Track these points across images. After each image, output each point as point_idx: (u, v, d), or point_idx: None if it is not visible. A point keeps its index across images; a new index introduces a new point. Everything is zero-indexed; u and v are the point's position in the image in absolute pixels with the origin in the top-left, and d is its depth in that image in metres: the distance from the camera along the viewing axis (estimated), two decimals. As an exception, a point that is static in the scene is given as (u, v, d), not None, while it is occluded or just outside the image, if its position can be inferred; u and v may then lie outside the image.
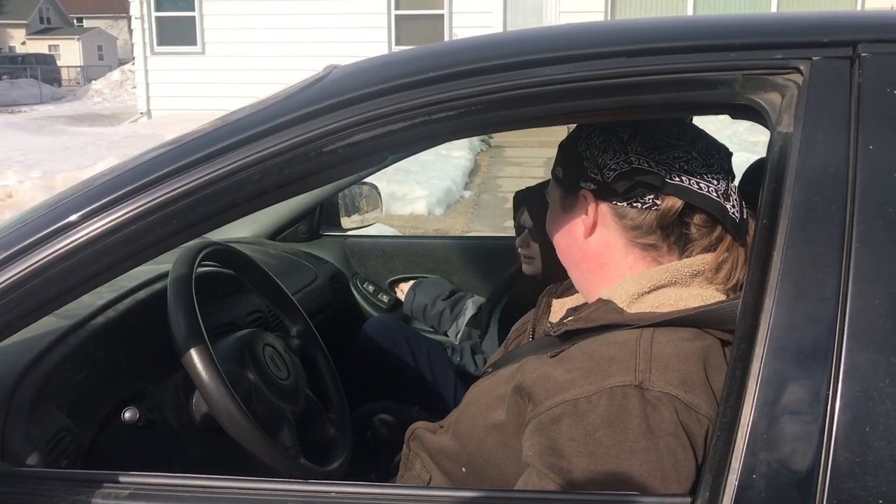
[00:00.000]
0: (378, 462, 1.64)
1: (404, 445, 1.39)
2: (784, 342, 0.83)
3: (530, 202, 1.85)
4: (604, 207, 1.10)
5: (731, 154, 1.14)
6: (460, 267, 2.51)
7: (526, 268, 1.90)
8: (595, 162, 1.10)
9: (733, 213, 1.07)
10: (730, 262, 1.08)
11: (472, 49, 1.01)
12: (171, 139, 1.04)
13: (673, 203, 1.06)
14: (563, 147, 1.17)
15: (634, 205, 1.07)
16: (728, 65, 0.92)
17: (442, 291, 2.34)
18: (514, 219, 1.94)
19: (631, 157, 1.07)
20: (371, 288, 2.55)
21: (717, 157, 1.10)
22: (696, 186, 1.06)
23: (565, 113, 0.95)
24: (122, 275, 0.99)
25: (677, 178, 1.06)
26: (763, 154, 1.26)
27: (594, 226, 1.12)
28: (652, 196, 1.06)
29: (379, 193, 2.71)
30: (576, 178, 1.12)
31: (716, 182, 1.07)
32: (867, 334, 0.82)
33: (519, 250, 1.91)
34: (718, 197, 1.06)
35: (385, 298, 2.53)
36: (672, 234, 1.09)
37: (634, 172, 1.06)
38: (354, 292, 2.55)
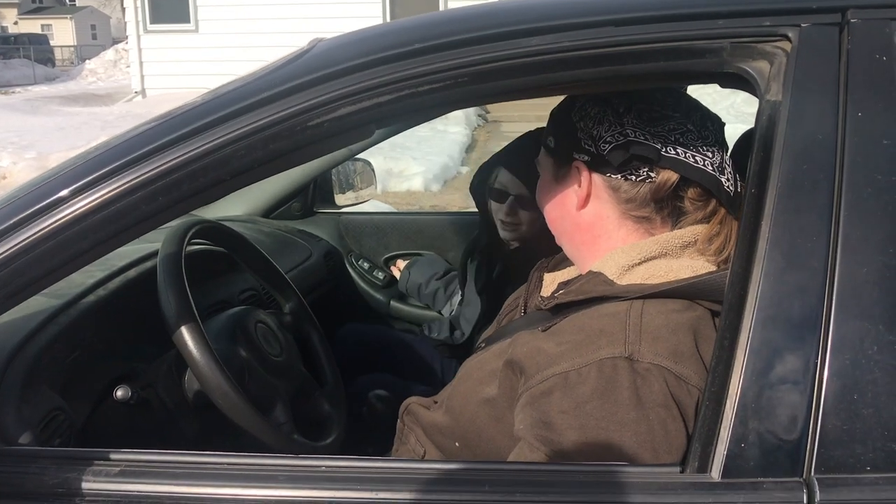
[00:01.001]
0: (374, 438, 1.64)
1: (399, 420, 1.39)
2: (772, 312, 0.83)
3: (517, 168, 1.76)
4: (597, 179, 1.09)
5: (724, 124, 1.13)
6: (456, 244, 2.50)
7: (506, 234, 1.85)
8: (589, 133, 1.08)
9: (728, 187, 1.06)
10: (723, 235, 1.07)
11: (457, 20, 0.99)
12: (156, 115, 1.03)
13: (668, 176, 1.05)
14: (556, 116, 1.16)
15: (629, 177, 1.06)
16: (716, 33, 0.91)
17: (437, 270, 2.33)
18: (488, 182, 1.86)
19: (626, 130, 1.06)
20: (366, 265, 2.55)
21: (711, 129, 1.08)
22: (691, 160, 1.05)
23: (552, 84, 0.94)
24: (111, 253, 0.98)
25: (672, 151, 1.05)
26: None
27: (587, 198, 1.11)
28: (646, 169, 1.05)
29: (373, 170, 2.70)
30: (569, 149, 1.11)
31: (711, 155, 1.06)
32: (855, 303, 0.82)
33: (501, 217, 1.83)
34: (714, 170, 1.05)
35: (380, 275, 2.53)
36: (666, 207, 1.08)
37: (630, 145, 1.05)
38: (349, 269, 2.54)
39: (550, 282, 1.26)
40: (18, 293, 0.95)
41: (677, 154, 1.05)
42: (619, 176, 1.07)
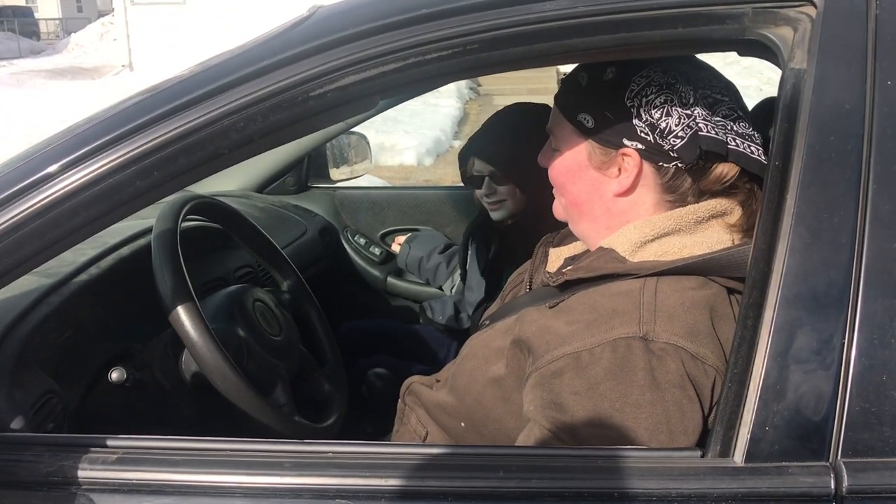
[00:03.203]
0: (374, 417, 1.62)
1: (399, 400, 1.36)
2: (797, 289, 0.80)
3: (483, 150, 1.87)
4: (648, 169, 1.03)
5: None
6: (453, 218, 2.47)
7: (496, 213, 1.90)
8: (653, 124, 1.00)
9: None
10: (741, 210, 1.03)
11: (466, -16, 0.94)
12: (151, 86, 0.98)
13: (727, 169, 1.00)
14: (596, 94, 1.05)
15: (681, 166, 1.00)
16: (737, -3, 0.87)
17: (437, 245, 2.30)
18: (463, 173, 1.92)
19: (698, 122, 0.99)
20: (362, 241, 2.52)
21: (748, 112, 1.03)
22: (748, 150, 0.99)
23: (566, 51, 0.89)
24: (104, 230, 0.94)
25: (733, 143, 0.99)
26: (754, 98, 1.21)
27: (633, 186, 1.04)
28: (703, 159, 1.00)
29: (367, 143, 2.65)
30: (618, 135, 1.03)
31: (759, 141, 1.01)
32: (884, 279, 0.79)
33: (484, 200, 1.90)
34: (764, 159, 0.99)
35: (377, 251, 2.49)
36: (707, 194, 1.03)
37: (700, 140, 0.98)
38: (346, 245, 2.51)
39: (556, 256, 1.23)
40: (7, 273, 0.91)
41: (737, 146, 0.99)
42: (672, 165, 1.01)
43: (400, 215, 2.55)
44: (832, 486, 0.76)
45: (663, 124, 1.00)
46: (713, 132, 0.99)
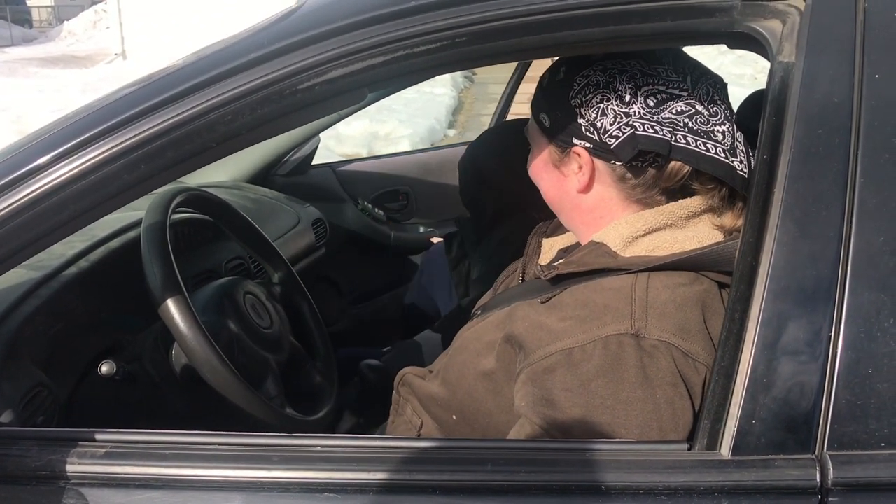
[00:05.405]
0: (367, 409, 1.62)
1: (394, 391, 1.36)
2: (785, 282, 0.80)
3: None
4: (601, 165, 1.03)
5: (726, 85, 1.07)
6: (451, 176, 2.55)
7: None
8: (592, 123, 1.01)
9: (742, 170, 0.99)
10: (731, 207, 1.03)
11: (455, -24, 0.94)
12: (139, 78, 0.98)
13: (679, 167, 1.00)
14: (550, 94, 1.07)
15: (635, 163, 1.00)
16: (726, -10, 0.86)
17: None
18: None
19: (634, 121, 0.98)
20: (369, 205, 2.69)
21: (719, 103, 1.01)
22: (703, 148, 0.98)
23: (556, 44, 0.89)
24: (92, 223, 0.93)
25: (683, 140, 0.98)
26: (748, 88, 1.21)
27: (590, 183, 1.05)
28: (654, 154, 1.00)
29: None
30: (568, 134, 1.04)
31: (721, 137, 0.99)
32: (871, 273, 0.79)
33: None
34: (726, 157, 0.98)
35: (380, 213, 2.68)
36: (676, 192, 1.03)
37: (638, 139, 0.98)
38: (358, 210, 2.67)
39: (549, 248, 1.22)
40: (-4, 266, 0.91)
41: (688, 143, 0.98)
42: (625, 166, 1.01)
43: (397, 180, 2.74)
44: (818, 479, 0.77)
45: (599, 123, 1.00)
46: (652, 130, 0.98)
